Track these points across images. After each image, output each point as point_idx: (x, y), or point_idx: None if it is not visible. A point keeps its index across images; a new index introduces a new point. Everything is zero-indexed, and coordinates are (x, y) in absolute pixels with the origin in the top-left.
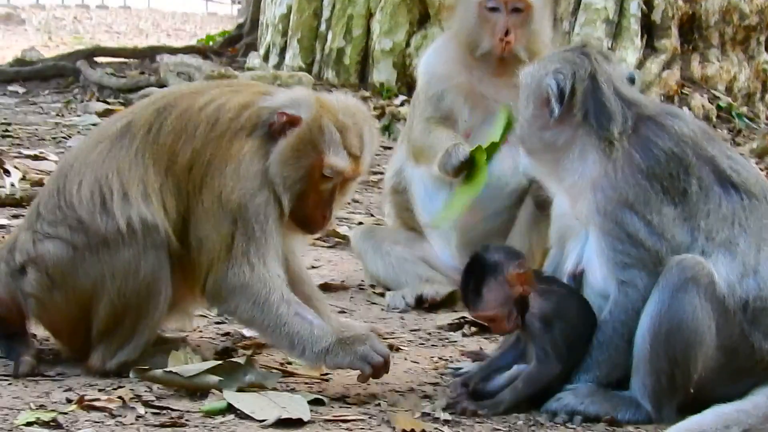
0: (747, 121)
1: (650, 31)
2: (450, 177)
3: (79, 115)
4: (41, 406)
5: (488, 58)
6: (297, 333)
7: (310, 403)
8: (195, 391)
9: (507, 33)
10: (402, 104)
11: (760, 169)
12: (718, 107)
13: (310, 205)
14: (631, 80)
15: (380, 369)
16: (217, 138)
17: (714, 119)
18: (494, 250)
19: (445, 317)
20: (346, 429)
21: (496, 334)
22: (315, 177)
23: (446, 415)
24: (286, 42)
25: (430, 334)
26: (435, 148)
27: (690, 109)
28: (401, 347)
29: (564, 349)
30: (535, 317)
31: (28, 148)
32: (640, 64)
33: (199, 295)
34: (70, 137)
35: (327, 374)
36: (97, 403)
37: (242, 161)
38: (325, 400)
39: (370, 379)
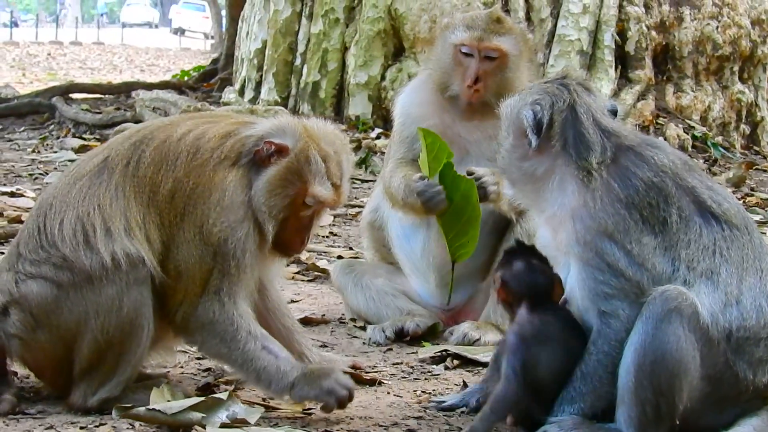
0: (722, 150)
1: (624, 61)
2: (441, 213)
3: (55, 152)
4: None
5: (457, 100)
6: (264, 368)
7: None
8: (177, 428)
9: (477, 80)
10: (378, 137)
11: (737, 197)
12: (694, 137)
13: (289, 231)
14: (614, 112)
15: (344, 402)
16: (199, 167)
17: (689, 149)
18: (522, 255)
19: (428, 350)
20: None
21: None
22: (297, 205)
23: None
24: (261, 76)
25: (412, 367)
26: (393, 193)
27: (665, 139)
28: (384, 381)
29: (533, 375)
30: (513, 332)
31: (4, 185)
32: (615, 95)
33: (167, 322)
34: (46, 174)
35: (310, 409)
36: None
37: (226, 191)
38: None
39: (352, 412)
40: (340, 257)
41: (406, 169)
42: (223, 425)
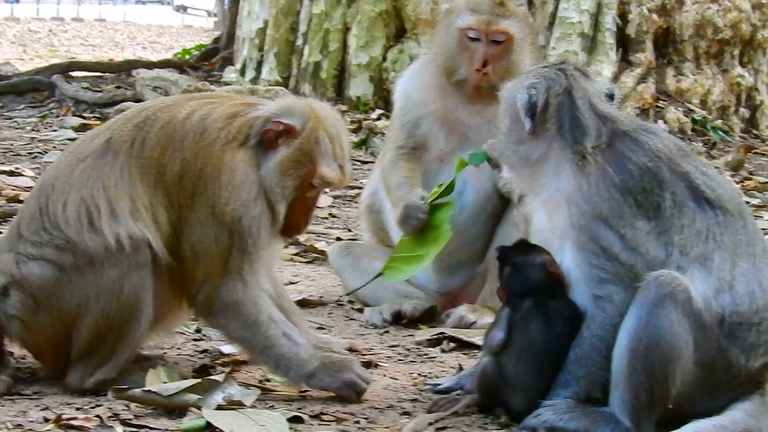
0: (722, 134)
1: (625, 44)
2: (408, 234)
3: (54, 130)
4: (18, 426)
5: (464, 85)
6: (283, 355)
7: (289, 420)
8: (173, 409)
9: (485, 64)
10: (379, 118)
11: (735, 182)
12: (693, 120)
13: (294, 212)
14: (610, 96)
15: (362, 394)
16: (207, 147)
17: (689, 132)
18: (524, 253)
19: (424, 333)
20: None
21: None
22: (304, 186)
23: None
24: (262, 56)
25: (408, 350)
26: (390, 187)
27: (665, 122)
28: (380, 363)
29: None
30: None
31: (3, 163)
32: (616, 78)
33: (187, 305)
34: (46, 152)
35: (306, 391)
36: (74, 422)
37: (236, 171)
38: (304, 417)
39: None
40: (338, 239)
41: (409, 165)
42: (219, 407)
